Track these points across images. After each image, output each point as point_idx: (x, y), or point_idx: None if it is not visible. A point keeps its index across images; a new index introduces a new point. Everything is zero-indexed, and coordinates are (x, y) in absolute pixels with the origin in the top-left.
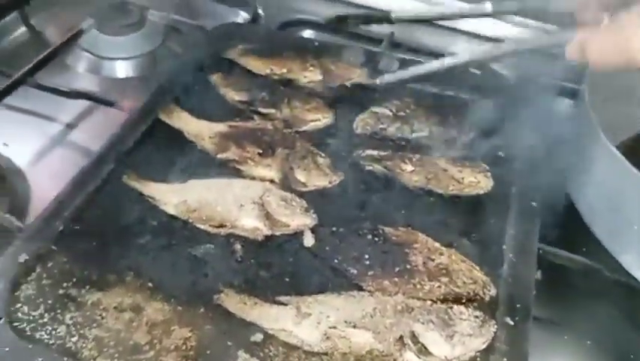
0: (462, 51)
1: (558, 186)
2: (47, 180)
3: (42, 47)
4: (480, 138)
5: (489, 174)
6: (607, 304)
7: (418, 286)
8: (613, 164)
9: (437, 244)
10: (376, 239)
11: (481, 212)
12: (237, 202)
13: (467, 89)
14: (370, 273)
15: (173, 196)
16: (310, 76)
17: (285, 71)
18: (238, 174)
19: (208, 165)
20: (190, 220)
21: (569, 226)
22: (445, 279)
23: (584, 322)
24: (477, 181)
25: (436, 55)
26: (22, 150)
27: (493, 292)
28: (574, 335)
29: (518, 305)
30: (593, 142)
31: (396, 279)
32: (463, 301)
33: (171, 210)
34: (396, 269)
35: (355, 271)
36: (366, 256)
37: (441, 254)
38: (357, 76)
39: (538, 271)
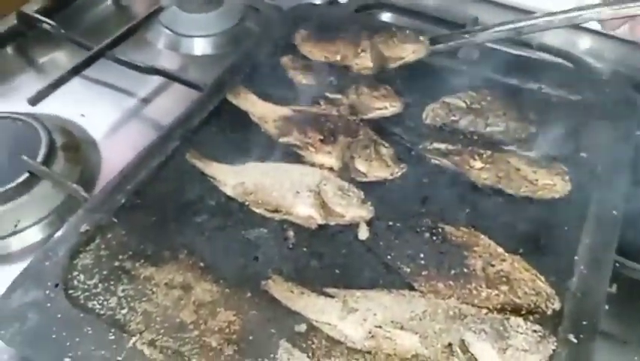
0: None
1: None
2: (119, 153)
3: (126, 21)
4: (562, 138)
5: (567, 177)
6: None
7: (475, 292)
8: None
9: (500, 249)
10: (434, 238)
11: (554, 217)
12: (294, 189)
13: (552, 83)
14: (424, 273)
15: (232, 177)
16: (361, 62)
17: (338, 58)
18: (298, 159)
19: (270, 149)
20: (246, 203)
21: None
22: (504, 287)
23: None
24: (553, 184)
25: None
26: (98, 122)
27: (557, 305)
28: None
29: (584, 322)
30: None
31: (451, 282)
32: (523, 312)
33: (229, 192)
34: (452, 272)
35: (408, 270)
36: (422, 255)
37: (503, 260)
38: (412, 53)
39: (614, 285)
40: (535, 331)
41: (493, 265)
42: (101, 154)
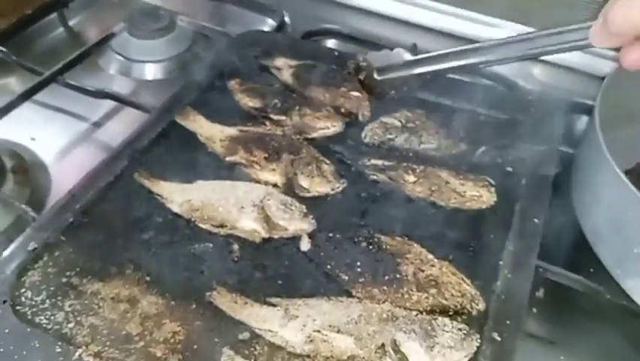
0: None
1: (566, 207)
2: (69, 175)
3: (78, 47)
4: (489, 153)
5: (492, 189)
6: (607, 327)
7: (406, 295)
8: (618, 188)
9: (430, 256)
10: (370, 247)
11: (481, 226)
12: (239, 204)
13: (482, 103)
14: (361, 280)
15: (178, 195)
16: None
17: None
18: (244, 177)
19: (217, 168)
20: (193, 219)
21: (575, 248)
22: (433, 290)
23: (583, 343)
24: (479, 195)
25: None
26: (48, 145)
27: (481, 306)
28: (571, 355)
29: (508, 321)
30: (601, 164)
31: (385, 287)
32: (450, 313)
33: (176, 209)
34: (386, 278)
35: (346, 278)
36: (359, 263)
37: (432, 266)
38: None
39: (541, 290)
40: (460, 329)
41: (423, 271)
42: (51, 177)
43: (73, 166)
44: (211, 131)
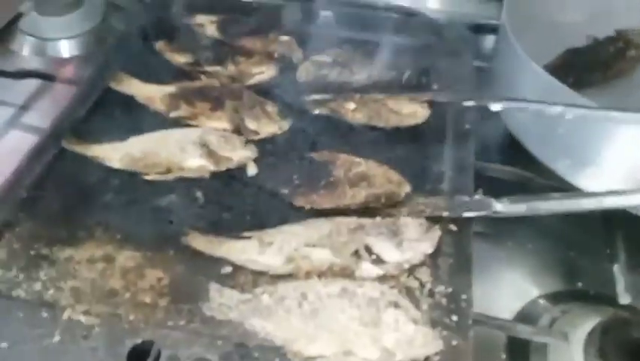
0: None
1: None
2: (4, 162)
3: None
4: (415, 76)
5: (425, 104)
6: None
7: (342, 195)
8: (536, 79)
9: (358, 158)
10: (304, 162)
11: (421, 140)
12: (179, 146)
13: (400, 34)
14: (300, 190)
15: (115, 152)
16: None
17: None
18: None
19: (161, 126)
20: (137, 171)
21: (503, 145)
22: (364, 183)
23: (524, 229)
24: (414, 111)
25: None
26: None
27: (407, 189)
28: (515, 242)
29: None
30: (518, 64)
31: (322, 191)
32: (383, 200)
33: (116, 165)
34: (322, 183)
35: (287, 191)
36: (295, 177)
37: (359, 164)
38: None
39: (480, 190)
40: (421, 224)
41: (352, 170)
42: None
43: (9, 152)
44: (149, 92)
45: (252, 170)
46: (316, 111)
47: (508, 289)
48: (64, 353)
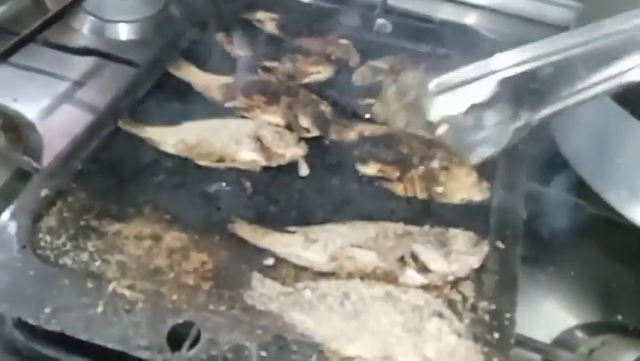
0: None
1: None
2: (58, 133)
3: (42, 13)
4: None
5: None
6: (590, 242)
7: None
8: (597, 105)
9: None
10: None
11: None
12: (233, 138)
13: (454, 48)
14: None
15: (170, 137)
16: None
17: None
18: None
19: (216, 114)
20: (190, 157)
21: (556, 170)
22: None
23: (567, 256)
24: None
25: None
26: (32, 105)
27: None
28: (557, 268)
29: (508, 233)
30: None
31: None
32: None
33: (170, 150)
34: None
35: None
36: None
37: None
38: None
39: (525, 212)
40: (470, 238)
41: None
42: (41, 134)
43: (60, 125)
44: (206, 81)
45: (304, 170)
46: (368, 115)
47: (545, 315)
48: (107, 325)
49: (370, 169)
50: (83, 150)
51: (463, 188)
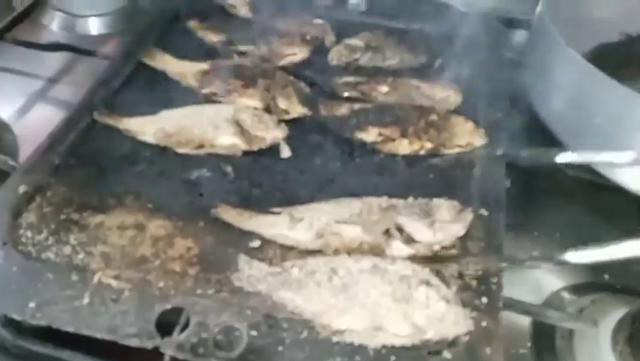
0: None
1: (521, 99)
2: (33, 132)
3: (8, 11)
4: (447, 64)
5: (458, 89)
6: (573, 204)
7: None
8: (574, 66)
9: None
10: None
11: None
12: (212, 123)
13: (432, 23)
14: None
15: (149, 126)
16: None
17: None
18: None
19: (192, 102)
20: (169, 146)
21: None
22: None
23: (552, 218)
24: (447, 97)
25: None
26: (5, 106)
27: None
28: (543, 230)
29: (491, 199)
30: (557, 53)
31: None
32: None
33: (149, 139)
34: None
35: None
36: None
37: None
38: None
39: (508, 180)
40: (454, 206)
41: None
42: (16, 134)
43: (36, 123)
44: (181, 68)
45: (285, 152)
46: (346, 93)
47: (533, 280)
48: (94, 315)
49: (370, 135)
50: (59, 145)
51: (464, 133)
